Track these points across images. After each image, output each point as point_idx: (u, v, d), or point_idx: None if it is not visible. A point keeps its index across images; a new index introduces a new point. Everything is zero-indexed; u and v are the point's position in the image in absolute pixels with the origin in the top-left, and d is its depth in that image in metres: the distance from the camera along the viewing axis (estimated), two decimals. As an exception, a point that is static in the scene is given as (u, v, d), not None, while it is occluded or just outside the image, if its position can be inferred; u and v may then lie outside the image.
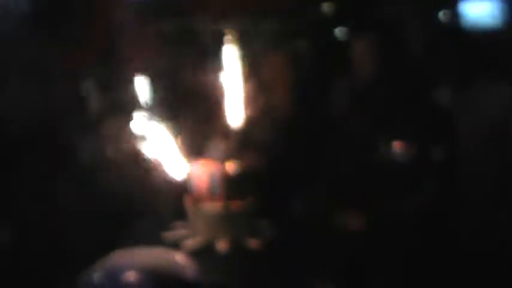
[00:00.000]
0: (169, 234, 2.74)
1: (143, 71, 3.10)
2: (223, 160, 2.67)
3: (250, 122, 2.67)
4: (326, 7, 3.71)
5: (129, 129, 2.70)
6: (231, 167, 2.66)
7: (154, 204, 2.89)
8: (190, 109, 3.02)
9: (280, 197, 2.99)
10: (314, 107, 3.13)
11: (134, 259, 2.30)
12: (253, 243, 2.65)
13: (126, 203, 2.98)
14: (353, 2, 3.76)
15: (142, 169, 2.76)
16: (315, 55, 3.48)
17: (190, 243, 2.66)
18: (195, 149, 2.71)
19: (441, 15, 4.21)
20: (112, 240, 2.89)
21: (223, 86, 2.68)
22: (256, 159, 2.76)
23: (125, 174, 2.89)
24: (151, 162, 2.70)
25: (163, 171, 2.69)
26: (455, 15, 4.13)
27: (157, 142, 2.65)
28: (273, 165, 2.98)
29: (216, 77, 2.71)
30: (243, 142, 2.68)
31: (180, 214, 2.74)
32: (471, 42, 3.66)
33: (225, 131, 2.69)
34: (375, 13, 3.56)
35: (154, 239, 2.68)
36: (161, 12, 3.72)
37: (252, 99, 2.72)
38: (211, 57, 2.81)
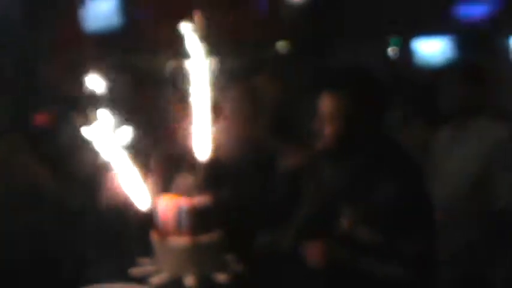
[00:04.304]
0: (136, 271, 2.68)
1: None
2: (190, 194, 2.64)
3: (218, 155, 2.65)
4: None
5: (95, 160, 2.65)
6: (198, 200, 2.63)
7: (120, 240, 2.84)
8: (157, 143, 3.00)
9: (248, 231, 2.97)
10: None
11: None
12: (221, 277, 2.61)
13: (91, 238, 2.94)
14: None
15: (108, 203, 2.72)
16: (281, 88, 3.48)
17: (157, 279, 2.61)
18: (161, 183, 2.68)
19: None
20: (77, 277, 2.83)
21: (190, 119, 2.67)
22: (224, 192, 2.74)
23: (90, 208, 2.85)
24: (117, 195, 2.65)
25: (130, 204, 2.64)
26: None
27: (123, 175, 2.61)
28: (240, 198, 2.97)
29: (183, 111, 2.70)
30: (210, 175, 2.66)
31: (146, 250, 2.70)
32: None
33: (192, 165, 2.67)
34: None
35: (120, 276, 2.63)
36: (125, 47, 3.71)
37: (219, 132, 2.70)
38: (177, 91, 2.80)
